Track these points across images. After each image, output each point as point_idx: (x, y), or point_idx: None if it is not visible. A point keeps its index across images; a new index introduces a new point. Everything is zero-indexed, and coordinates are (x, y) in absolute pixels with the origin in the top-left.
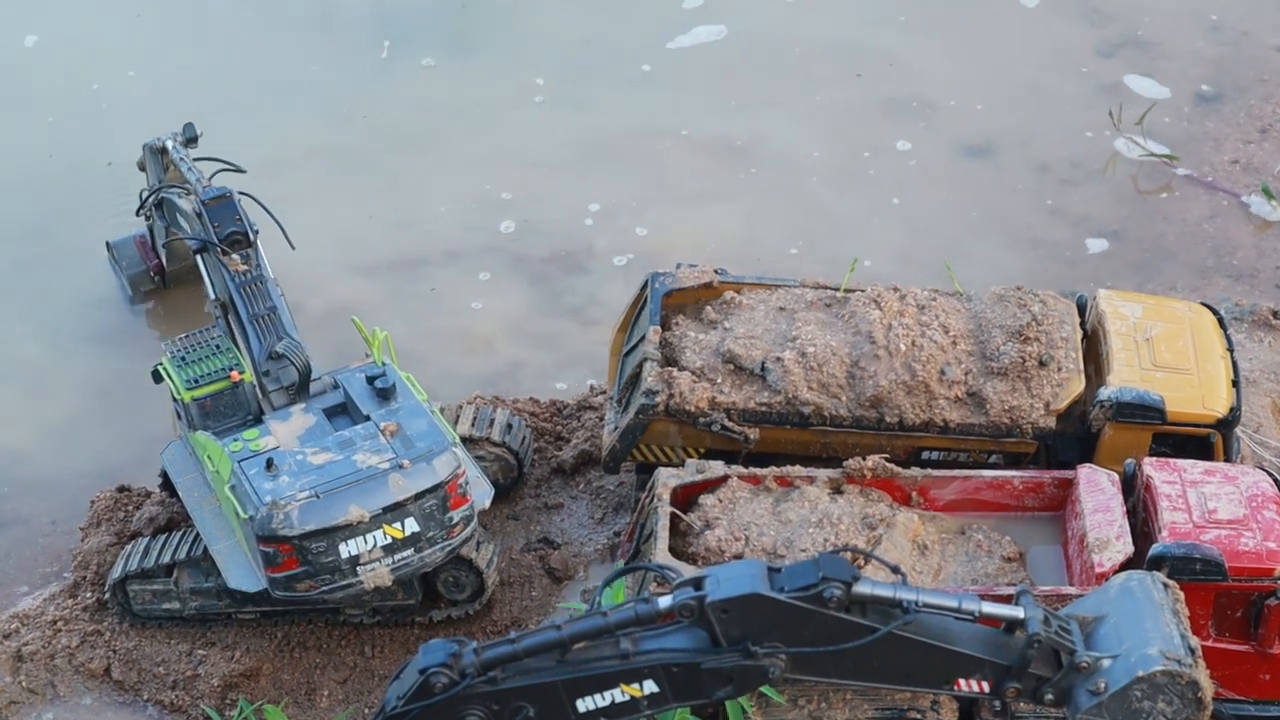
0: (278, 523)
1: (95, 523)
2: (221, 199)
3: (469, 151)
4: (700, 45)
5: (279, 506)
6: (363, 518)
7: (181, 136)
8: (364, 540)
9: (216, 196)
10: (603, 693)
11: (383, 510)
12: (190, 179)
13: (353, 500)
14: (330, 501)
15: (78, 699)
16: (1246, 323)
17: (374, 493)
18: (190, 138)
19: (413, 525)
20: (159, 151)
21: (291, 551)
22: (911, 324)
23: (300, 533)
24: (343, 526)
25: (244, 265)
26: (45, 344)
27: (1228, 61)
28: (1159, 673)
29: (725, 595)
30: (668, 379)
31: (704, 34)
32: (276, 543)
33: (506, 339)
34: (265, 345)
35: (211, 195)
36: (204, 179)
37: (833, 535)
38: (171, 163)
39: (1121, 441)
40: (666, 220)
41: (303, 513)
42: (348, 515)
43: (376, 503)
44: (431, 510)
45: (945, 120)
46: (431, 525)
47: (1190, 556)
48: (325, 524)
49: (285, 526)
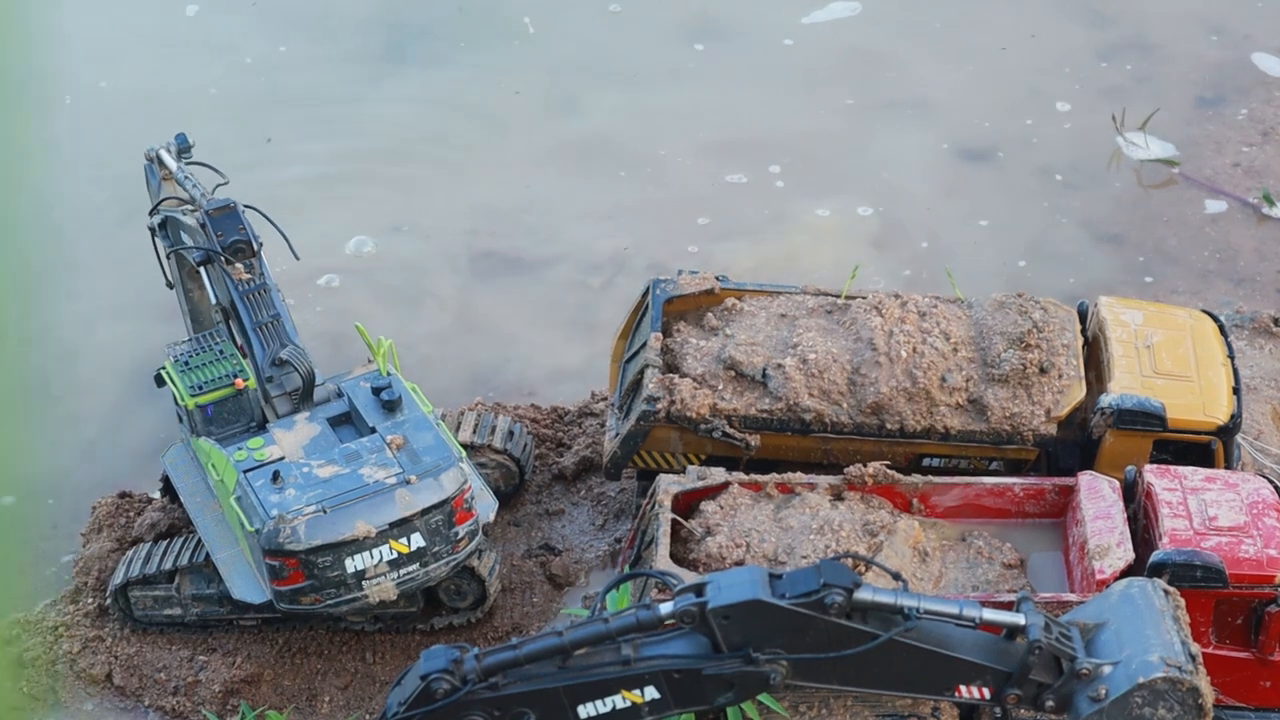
0: (284, 537)
1: (96, 528)
2: (225, 209)
3: (469, 155)
4: (702, 47)
5: (286, 521)
6: (369, 533)
7: (175, 146)
8: (370, 555)
9: (220, 207)
10: (604, 699)
11: (389, 526)
12: (193, 194)
13: (359, 515)
14: (337, 516)
15: (79, 705)
16: (1247, 330)
17: (381, 508)
18: (183, 148)
19: (419, 540)
20: (155, 161)
21: (297, 565)
22: (913, 331)
23: (307, 547)
24: (349, 542)
25: (247, 274)
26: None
27: (1229, 65)
28: (1160, 679)
29: (727, 601)
30: (669, 385)
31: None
32: (282, 556)
33: (507, 343)
34: (269, 353)
35: (215, 206)
36: (207, 192)
37: (834, 542)
38: (169, 174)
39: (1122, 448)
40: (667, 223)
41: (309, 527)
42: (354, 530)
43: (383, 518)
44: (438, 525)
45: (944, 124)
46: (437, 540)
47: (1191, 563)
48: (332, 539)
49: (292, 541)
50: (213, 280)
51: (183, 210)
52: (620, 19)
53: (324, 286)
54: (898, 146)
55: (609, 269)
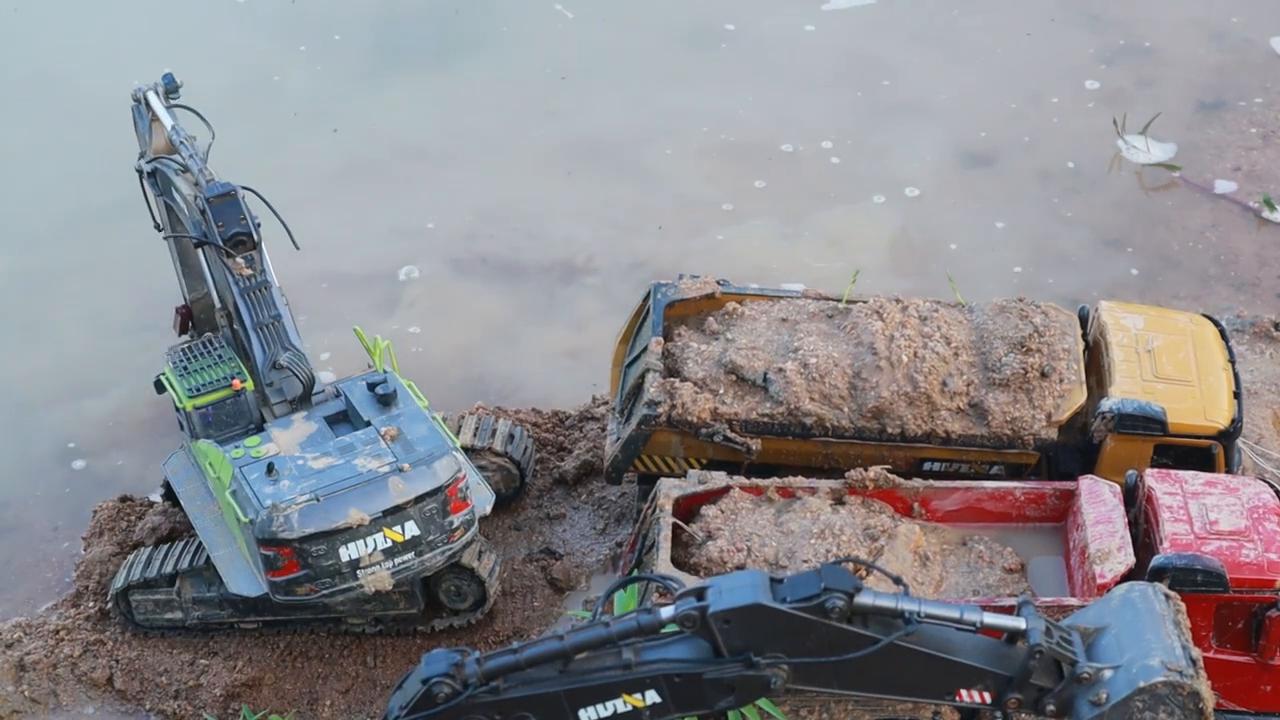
0: (278, 526)
1: (98, 532)
2: (226, 197)
3: (468, 157)
4: (705, 49)
5: (279, 510)
6: (363, 521)
7: (162, 86)
8: (364, 543)
9: (220, 195)
10: (605, 702)
11: (383, 513)
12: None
13: (353, 503)
14: (330, 505)
15: (80, 708)
16: (1248, 334)
17: (374, 496)
18: (171, 88)
19: (413, 529)
20: (142, 104)
21: (292, 555)
22: (913, 335)
23: (300, 536)
24: (343, 529)
25: (248, 270)
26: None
27: (1229, 69)
28: (1160, 684)
29: (727, 606)
30: (670, 390)
31: (709, 38)
32: (277, 546)
33: (507, 347)
34: (269, 355)
35: (215, 193)
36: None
37: (834, 546)
38: (156, 117)
39: (1123, 453)
40: (667, 226)
41: (303, 516)
42: (348, 518)
43: (377, 506)
44: (432, 514)
45: (946, 128)
46: (432, 529)
47: (1192, 568)
48: (325, 527)
49: (286, 529)
50: (210, 264)
51: (176, 164)
52: (621, 18)
53: (323, 286)
54: (900, 151)
55: (610, 272)
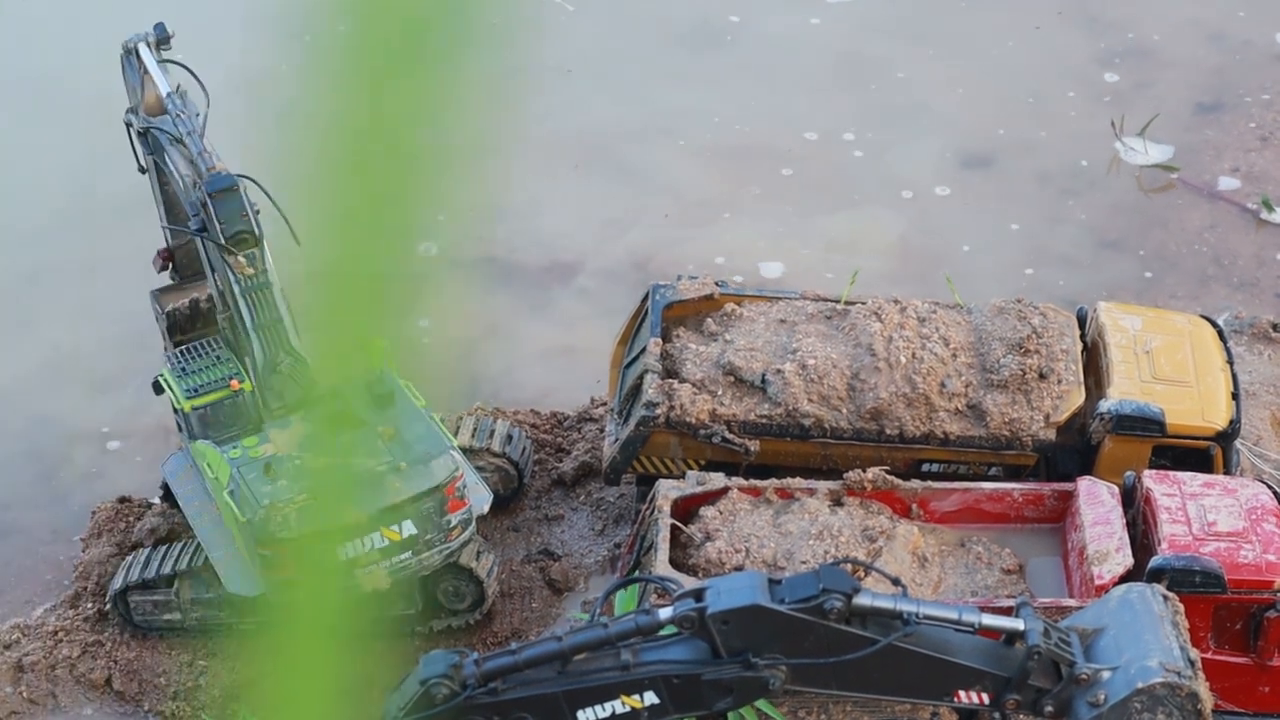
0: (276, 525)
1: (96, 533)
2: (227, 191)
3: (467, 159)
4: (705, 50)
5: (277, 509)
6: (359, 519)
7: (153, 37)
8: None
9: (221, 189)
10: (603, 703)
11: (380, 512)
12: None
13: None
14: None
15: (79, 710)
16: (1246, 335)
17: (371, 494)
18: (162, 38)
19: (410, 528)
20: (132, 54)
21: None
22: (912, 336)
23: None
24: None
25: (250, 269)
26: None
27: (1229, 69)
28: (1158, 685)
29: (726, 607)
30: (668, 391)
31: (712, 33)
32: (275, 545)
33: (507, 348)
34: (269, 357)
35: (216, 187)
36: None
37: (833, 547)
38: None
39: (1121, 454)
40: (669, 228)
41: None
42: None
43: (373, 504)
44: (429, 513)
45: (944, 130)
46: (429, 528)
47: (1190, 569)
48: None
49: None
50: (209, 256)
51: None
52: (622, 20)
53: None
54: (898, 153)
55: (609, 273)
